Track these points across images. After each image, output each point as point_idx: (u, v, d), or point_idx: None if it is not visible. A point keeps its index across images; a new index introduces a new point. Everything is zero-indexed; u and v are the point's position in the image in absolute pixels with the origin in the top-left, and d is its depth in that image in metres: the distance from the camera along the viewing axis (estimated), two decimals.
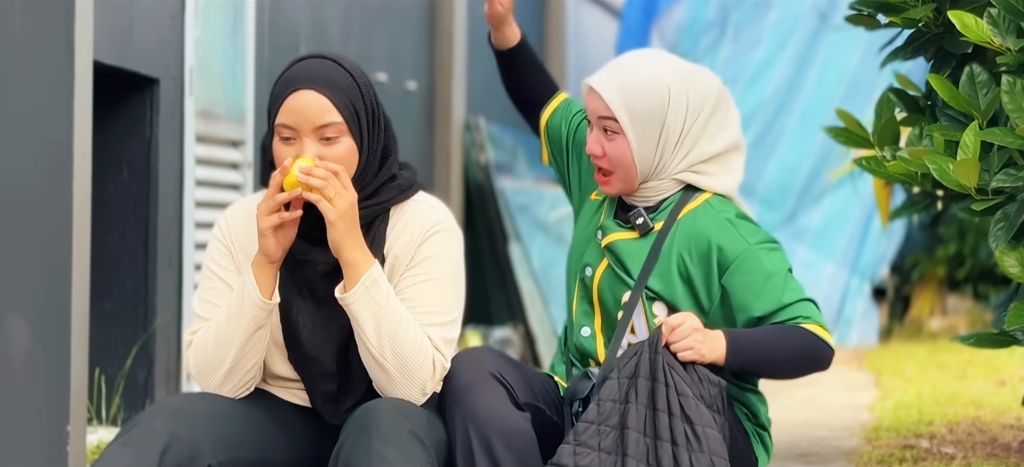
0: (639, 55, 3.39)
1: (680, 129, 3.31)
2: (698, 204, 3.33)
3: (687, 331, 3.12)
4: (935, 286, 9.16)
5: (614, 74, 3.33)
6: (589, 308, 3.41)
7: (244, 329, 3.09)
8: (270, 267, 3.08)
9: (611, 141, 3.31)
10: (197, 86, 5.07)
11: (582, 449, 3.07)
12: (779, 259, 3.26)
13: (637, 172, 3.32)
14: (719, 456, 3.06)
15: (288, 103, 3.08)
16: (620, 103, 3.29)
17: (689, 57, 9.50)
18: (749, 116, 9.27)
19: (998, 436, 4.68)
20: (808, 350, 3.20)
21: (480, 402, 3.13)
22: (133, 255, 4.91)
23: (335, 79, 3.11)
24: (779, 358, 3.20)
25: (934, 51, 4.02)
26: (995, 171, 3.65)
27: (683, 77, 3.33)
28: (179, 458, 2.95)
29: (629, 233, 3.36)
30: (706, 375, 3.11)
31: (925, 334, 8.83)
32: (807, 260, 9.00)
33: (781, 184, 9.18)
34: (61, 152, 3.81)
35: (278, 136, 3.11)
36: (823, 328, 3.22)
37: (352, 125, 3.10)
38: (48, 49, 3.82)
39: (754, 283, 3.22)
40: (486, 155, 8.46)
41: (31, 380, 3.82)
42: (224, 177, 5.36)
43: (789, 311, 3.21)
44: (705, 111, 3.32)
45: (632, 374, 3.11)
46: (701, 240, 3.28)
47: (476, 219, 8.45)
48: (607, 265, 3.37)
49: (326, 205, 3.02)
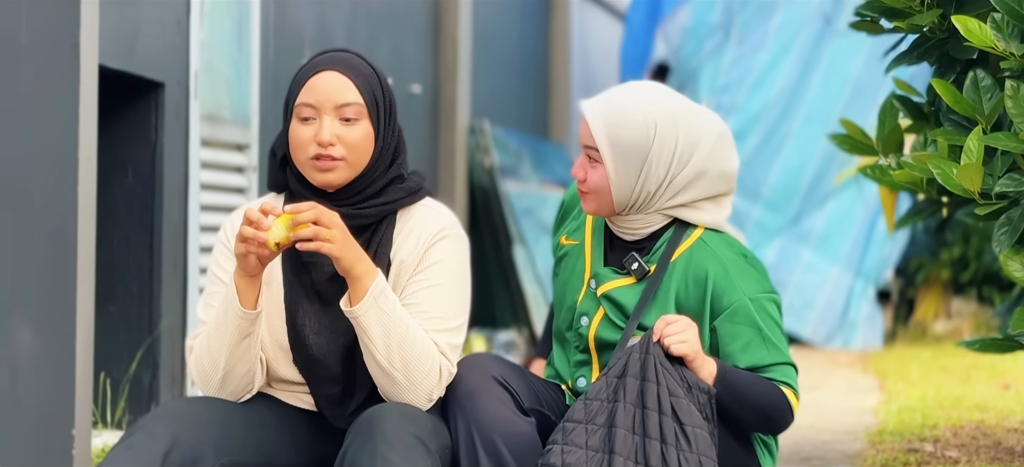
0: (636, 89, 3.32)
1: (666, 169, 3.26)
2: (693, 242, 3.29)
3: (683, 326, 3.12)
4: (939, 289, 9.15)
5: (604, 104, 3.28)
6: (585, 358, 3.37)
7: (230, 338, 3.09)
8: (250, 279, 3.07)
9: (593, 169, 3.28)
10: (202, 90, 5.08)
11: (569, 447, 3.06)
12: (772, 312, 3.24)
13: (614, 202, 3.28)
14: (708, 457, 3.05)
15: (311, 83, 3.12)
16: (603, 134, 3.25)
17: (693, 59, 9.58)
18: (753, 119, 9.27)
19: (1002, 440, 4.68)
20: (777, 412, 3.21)
21: (484, 408, 3.13)
22: (138, 259, 4.91)
23: (358, 66, 3.16)
24: (751, 406, 3.19)
25: (938, 56, 4.02)
26: (999, 176, 3.65)
27: (674, 118, 3.26)
28: (181, 462, 2.95)
29: (625, 279, 3.32)
30: (696, 381, 3.10)
31: (929, 337, 8.83)
32: (811, 263, 9.00)
33: (785, 187, 9.18)
34: (66, 156, 3.82)
35: (297, 117, 3.12)
36: (796, 396, 3.23)
37: (371, 110, 3.13)
38: (54, 53, 3.83)
39: (742, 335, 3.21)
40: (490, 158, 8.47)
41: (36, 383, 3.82)
42: (229, 181, 5.36)
43: (771, 372, 3.22)
44: (698, 155, 3.26)
45: (621, 373, 3.10)
46: (699, 279, 3.24)
47: (480, 222, 8.46)
48: (604, 314, 3.32)
49: (326, 246, 3.01)
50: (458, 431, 3.13)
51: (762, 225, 9.06)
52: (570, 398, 3.41)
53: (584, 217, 3.47)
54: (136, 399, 4.88)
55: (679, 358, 3.12)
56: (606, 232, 3.41)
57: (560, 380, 3.44)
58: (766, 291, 3.26)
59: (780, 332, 3.25)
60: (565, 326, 3.42)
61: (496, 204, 8.41)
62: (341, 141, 3.10)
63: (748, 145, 9.21)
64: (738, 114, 9.30)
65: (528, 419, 3.18)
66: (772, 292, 3.28)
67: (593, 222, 3.44)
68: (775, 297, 3.28)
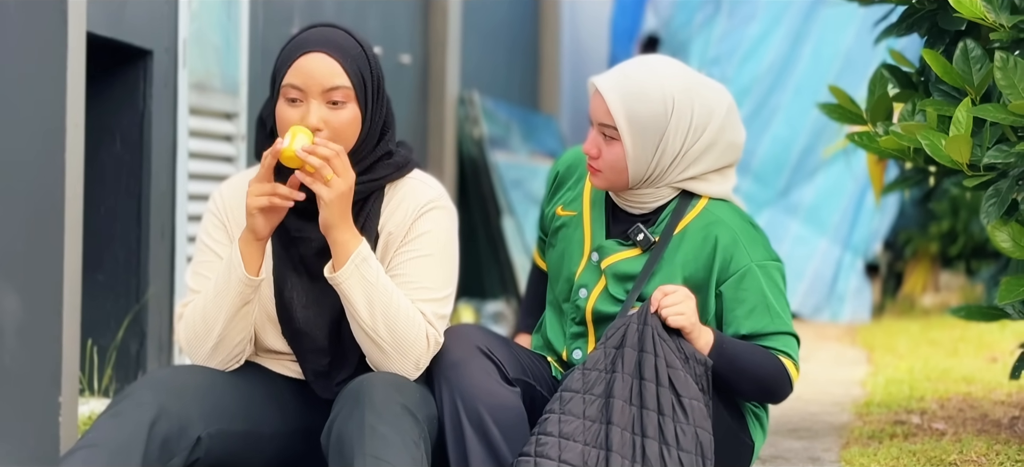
0: (649, 63, 3.31)
1: (680, 144, 3.27)
2: (699, 211, 3.30)
3: (681, 297, 3.12)
4: (928, 262, 9.16)
5: (620, 80, 3.26)
6: (581, 330, 3.38)
7: (230, 304, 3.09)
8: (257, 244, 3.08)
9: (608, 146, 3.27)
10: (191, 58, 5.06)
11: (567, 417, 3.07)
12: (777, 280, 3.26)
13: (628, 179, 3.28)
14: (704, 429, 3.06)
15: (298, 64, 3.09)
16: (622, 111, 3.23)
17: (684, 31, 9.56)
18: (743, 92, 9.26)
19: (989, 412, 4.69)
20: (775, 382, 3.24)
21: (469, 378, 3.13)
22: (125, 227, 4.90)
23: (346, 46, 3.13)
24: (750, 376, 3.22)
25: (928, 27, 4.01)
26: (987, 147, 3.65)
27: (690, 91, 3.27)
28: (168, 430, 2.95)
29: (629, 251, 3.32)
30: (693, 352, 3.11)
31: (917, 310, 8.84)
32: (800, 236, 9.00)
33: (775, 159, 9.18)
34: (54, 123, 3.80)
35: (284, 98, 3.11)
36: (796, 368, 3.25)
37: (359, 92, 3.11)
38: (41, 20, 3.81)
39: (748, 301, 3.23)
40: (480, 129, 8.46)
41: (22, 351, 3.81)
42: (217, 149, 5.35)
43: (772, 340, 3.24)
44: (710, 129, 3.28)
45: (619, 344, 3.11)
46: (708, 246, 3.25)
47: (470, 193, 8.46)
48: (604, 287, 3.32)
49: (321, 186, 3.01)
50: (443, 401, 3.13)
51: (751, 197, 9.06)
52: (557, 369, 3.41)
53: (581, 187, 3.46)
54: (123, 367, 4.87)
55: (676, 329, 3.12)
56: (607, 204, 3.41)
57: (550, 350, 3.44)
58: (773, 259, 3.29)
59: (784, 301, 3.27)
60: (562, 297, 3.41)
61: (485, 175, 8.40)
62: (328, 126, 3.09)
63: None
64: (728, 86, 9.22)
65: (513, 389, 3.18)
66: (778, 260, 3.30)
67: (592, 194, 3.43)
68: (780, 266, 3.30)
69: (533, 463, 3.03)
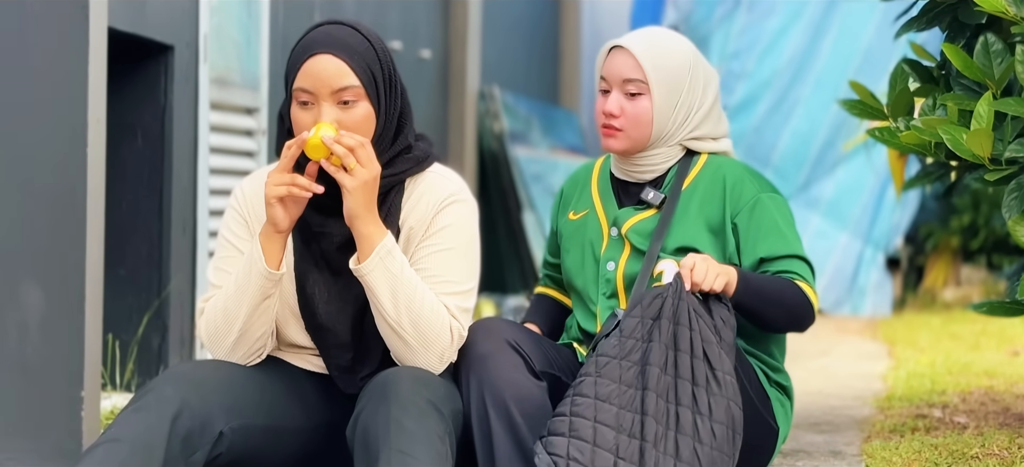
0: (658, 28, 3.51)
1: (696, 100, 3.45)
2: (702, 164, 3.46)
3: (705, 267, 3.19)
4: (949, 256, 9.14)
5: (646, 37, 3.45)
6: (614, 302, 3.44)
7: (251, 299, 3.10)
8: (278, 237, 3.08)
9: (633, 101, 3.41)
10: (212, 53, 5.07)
11: (603, 380, 3.10)
12: (784, 209, 3.43)
13: (651, 135, 3.43)
14: (736, 404, 3.12)
15: (306, 67, 3.09)
16: (651, 65, 3.40)
17: (704, 26, 9.55)
18: (763, 85, 9.25)
19: (1011, 406, 4.68)
20: (800, 307, 3.35)
21: (497, 372, 3.14)
22: (147, 222, 4.92)
23: (352, 44, 3.11)
24: (776, 304, 3.32)
25: (949, 21, 4.01)
26: (1009, 141, 3.64)
27: (697, 55, 3.49)
28: (191, 425, 2.96)
29: (645, 212, 3.44)
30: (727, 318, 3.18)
31: (939, 304, 8.82)
32: (821, 230, 8.99)
33: (795, 153, 9.17)
34: (76, 119, 3.81)
35: (296, 101, 3.11)
36: (813, 291, 3.38)
37: (369, 89, 3.10)
38: (63, 16, 3.82)
39: (761, 225, 3.37)
40: (500, 124, 8.46)
41: (45, 346, 3.83)
42: (238, 144, 5.36)
43: (788, 263, 3.37)
44: (710, 90, 3.48)
45: (656, 316, 3.15)
46: (717, 187, 3.41)
47: (490, 188, 8.46)
48: (630, 251, 3.42)
49: (344, 175, 3.01)
50: (470, 394, 3.14)
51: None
52: (582, 355, 3.43)
53: (588, 189, 3.57)
54: (145, 362, 4.89)
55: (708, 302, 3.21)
56: (614, 188, 3.52)
57: (583, 340, 3.47)
58: (777, 192, 3.47)
59: (794, 230, 3.43)
60: (590, 282, 3.47)
61: (506, 170, 8.41)
62: (342, 126, 3.08)
63: (758, 111, 9.21)
64: (748, 80, 9.28)
65: (540, 383, 3.19)
66: (782, 195, 3.48)
67: (599, 185, 3.55)
68: (785, 200, 3.47)
69: (568, 422, 3.05)
